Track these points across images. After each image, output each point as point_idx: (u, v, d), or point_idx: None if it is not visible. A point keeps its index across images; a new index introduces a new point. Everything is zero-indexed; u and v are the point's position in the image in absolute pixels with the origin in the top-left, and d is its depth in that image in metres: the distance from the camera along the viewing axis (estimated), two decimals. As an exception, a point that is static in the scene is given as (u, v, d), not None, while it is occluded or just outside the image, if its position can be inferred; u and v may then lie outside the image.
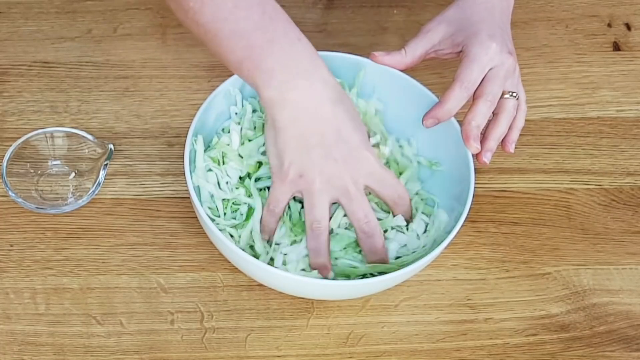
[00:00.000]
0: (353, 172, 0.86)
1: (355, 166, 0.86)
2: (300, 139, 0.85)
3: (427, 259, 0.85)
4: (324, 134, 0.85)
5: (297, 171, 0.85)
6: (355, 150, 0.86)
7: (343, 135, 0.85)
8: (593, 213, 0.99)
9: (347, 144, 0.85)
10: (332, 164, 0.85)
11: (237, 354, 0.89)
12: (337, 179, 0.85)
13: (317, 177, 0.85)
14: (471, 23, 0.92)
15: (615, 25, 1.13)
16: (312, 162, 0.84)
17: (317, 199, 0.85)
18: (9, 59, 1.05)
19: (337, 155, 0.85)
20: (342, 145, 0.85)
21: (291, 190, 0.86)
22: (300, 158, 0.85)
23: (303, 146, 0.84)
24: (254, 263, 0.83)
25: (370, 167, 0.86)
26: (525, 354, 0.90)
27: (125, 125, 1.01)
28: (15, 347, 0.88)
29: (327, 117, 0.85)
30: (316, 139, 0.84)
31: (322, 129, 0.85)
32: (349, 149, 0.85)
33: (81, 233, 0.94)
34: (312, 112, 0.84)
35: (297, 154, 0.85)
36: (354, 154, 0.86)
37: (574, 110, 1.06)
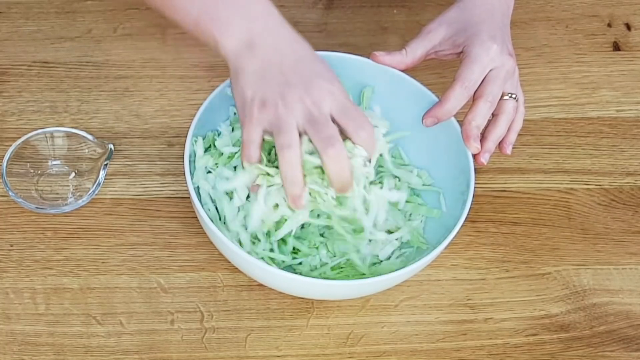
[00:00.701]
0: (316, 97, 0.84)
1: (318, 92, 0.84)
2: (259, 72, 0.84)
3: (427, 259, 0.85)
4: (282, 63, 0.84)
5: (260, 102, 0.84)
6: (317, 77, 0.84)
7: (303, 64, 0.85)
8: (593, 213, 0.99)
9: (307, 70, 0.84)
10: (293, 90, 0.83)
11: (237, 354, 0.89)
12: (298, 104, 0.83)
13: (279, 102, 0.83)
14: (472, 24, 0.92)
15: (615, 25, 1.13)
16: (272, 90, 0.83)
17: (283, 124, 0.83)
18: (9, 59, 1.05)
19: (296, 81, 0.84)
20: (302, 71, 0.84)
21: (259, 125, 0.84)
22: (262, 89, 0.84)
23: (262, 77, 0.84)
24: (254, 263, 0.83)
25: (333, 97, 0.84)
26: (525, 354, 0.90)
27: (125, 125, 1.01)
28: (15, 347, 0.88)
29: (284, 50, 0.85)
30: (275, 69, 0.84)
31: (280, 60, 0.84)
32: (309, 75, 0.84)
33: (81, 233, 0.94)
34: (268, 47, 0.85)
35: (257, 87, 0.84)
36: (316, 82, 0.84)
37: (574, 110, 1.06)
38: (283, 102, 0.83)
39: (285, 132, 0.83)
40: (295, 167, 0.83)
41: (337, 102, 0.84)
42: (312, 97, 0.83)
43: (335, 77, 0.86)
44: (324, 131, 0.83)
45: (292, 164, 0.83)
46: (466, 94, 0.90)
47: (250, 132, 0.84)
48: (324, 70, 0.86)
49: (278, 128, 0.83)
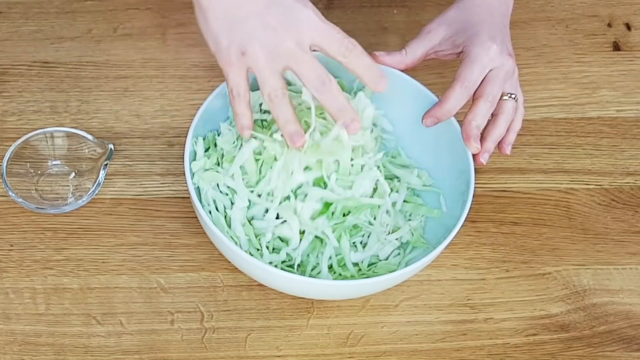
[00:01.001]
0: (295, 34, 0.82)
1: (296, 27, 0.82)
2: (230, 13, 0.81)
3: (427, 259, 0.85)
4: (253, 1, 0.81)
5: (238, 49, 0.82)
6: (290, 10, 0.82)
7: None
8: (593, 213, 0.99)
9: (280, 6, 0.82)
10: (271, 33, 0.81)
11: (237, 354, 0.89)
12: (281, 47, 0.82)
13: (259, 51, 0.81)
14: (472, 24, 0.92)
15: (615, 25, 1.13)
16: (250, 35, 0.81)
17: (267, 72, 0.82)
18: (9, 59, 1.05)
19: (273, 22, 0.81)
20: (275, 9, 0.81)
21: (242, 68, 0.83)
22: (238, 35, 0.81)
23: (235, 21, 0.81)
24: (254, 263, 0.83)
25: (311, 24, 0.82)
26: (525, 354, 0.90)
27: (125, 125, 1.01)
28: (15, 347, 0.88)
29: None
30: (246, 9, 0.81)
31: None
32: (284, 11, 0.82)
33: (81, 233, 0.94)
34: None
35: (232, 32, 0.81)
36: (291, 15, 0.82)
37: (574, 110, 1.06)
38: (263, 51, 0.81)
39: (270, 79, 0.82)
40: (287, 109, 0.83)
41: (315, 27, 0.82)
42: (292, 35, 0.81)
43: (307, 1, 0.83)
44: (311, 71, 0.82)
45: (283, 107, 0.83)
46: (466, 94, 0.90)
47: (234, 76, 0.83)
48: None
49: (262, 77, 0.82)
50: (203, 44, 1.06)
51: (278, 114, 0.83)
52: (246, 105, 0.85)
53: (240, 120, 0.86)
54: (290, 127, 0.84)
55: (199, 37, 1.07)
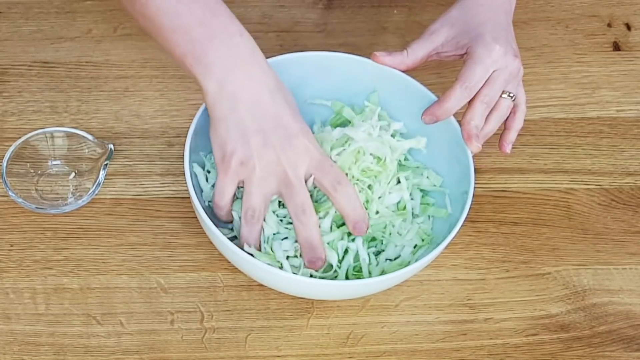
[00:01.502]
0: (292, 159, 0.85)
1: (294, 153, 0.86)
2: (239, 126, 0.85)
3: (427, 259, 0.85)
4: (262, 121, 0.85)
5: (239, 159, 0.85)
6: (294, 137, 0.86)
7: (282, 122, 0.86)
8: (593, 213, 0.99)
9: (286, 130, 0.86)
10: (271, 151, 0.85)
11: (237, 354, 0.89)
12: (276, 166, 0.85)
13: (257, 165, 0.85)
14: (475, 25, 0.92)
15: (615, 25, 1.13)
16: (252, 149, 0.85)
17: (255, 188, 0.86)
18: (9, 59, 1.05)
19: (275, 142, 0.85)
20: (280, 132, 0.85)
21: (234, 180, 0.86)
22: (242, 146, 0.85)
23: (243, 134, 0.85)
24: (254, 263, 0.83)
25: (308, 154, 0.86)
26: (525, 354, 0.90)
27: (125, 125, 1.01)
28: (15, 347, 0.88)
29: (265, 104, 0.86)
30: (255, 126, 0.85)
31: (261, 115, 0.85)
32: (288, 135, 0.86)
33: (81, 233, 0.94)
34: (249, 100, 0.85)
35: (238, 143, 0.85)
36: (293, 142, 0.86)
37: (574, 110, 1.06)
38: (260, 166, 0.85)
39: (254, 195, 0.86)
40: (255, 231, 0.87)
41: (312, 158, 0.86)
42: (289, 159, 0.85)
43: (308, 130, 0.87)
44: (297, 197, 0.86)
45: (252, 228, 0.87)
46: (466, 95, 0.90)
47: (225, 183, 0.87)
48: (300, 125, 0.87)
49: (249, 190, 0.86)
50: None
51: (246, 232, 0.87)
52: (225, 214, 0.89)
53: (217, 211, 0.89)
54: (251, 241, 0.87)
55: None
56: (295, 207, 0.86)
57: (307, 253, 0.86)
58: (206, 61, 0.85)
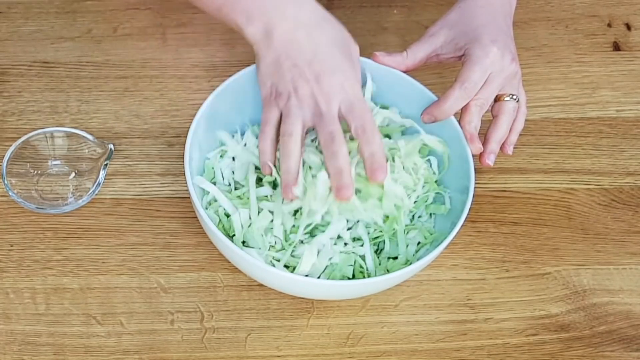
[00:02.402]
0: (325, 93, 0.87)
1: (328, 88, 0.87)
2: (276, 63, 0.88)
3: (427, 259, 0.85)
4: (297, 57, 0.88)
5: (275, 92, 0.88)
6: (330, 73, 0.87)
7: (318, 58, 0.88)
8: (593, 213, 0.99)
9: (321, 65, 0.87)
10: (305, 84, 0.87)
11: (237, 354, 0.89)
12: (310, 98, 0.87)
13: (292, 95, 0.87)
14: (473, 27, 0.92)
15: (615, 25, 1.13)
16: (286, 82, 0.87)
17: (291, 114, 0.87)
18: (9, 59, 1.05)
19: (309, 76, 0.87)
20: (316, 67, 0.87)
21: (274, 110, 0.89)
22: (278, 80, 0.88)
23: (279, 69, 0.88)
24: (254, 263, 0.83)
25: (343, 93, 0.87)
26: (525, 354, 0.90)
27: (125, 125, 1.01)
28: (15, 347, 0.88)
29: (300, 41, 0.88)
30: (290, 62, 0.88)
31: (296, 52, 0.88)
32: (324, 71, 0.87)
33: (81, 233, 0.94)
34: (285, 37, 0.88)
35: (275, 77, 0.88)
36: (328, 78, 0.87)
37: (574, 110, 1.06)
38: (295, 95, 0.87)
39: (291, 121, 0.87)
40: (292, 156, 0.86)
41: (345, 97, 0.87)
42: (322, 92, 0.87)
43: (350, 68, 0.89)
44: (328, 127, 0.86)
45: (289, 152, 0.86)
46: (465, 96, 0.90)
47: (267, 113, 0.89)
48: (340, 61, 0.88)
49: (286, 116, 0.87)
50: (203, 44, 1.06)
51: (283, 158, 0.87)
52: (270, 142, 0.89)
53: (262, 157, 0.89)
54: (287, 177, 0.87)
55: (199, 37, 1.08)
56: (326, 137, 0.86)
57: (336, 180, 0.85)
58: (242, 5, 0.88)
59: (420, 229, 0.92)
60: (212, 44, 1.07)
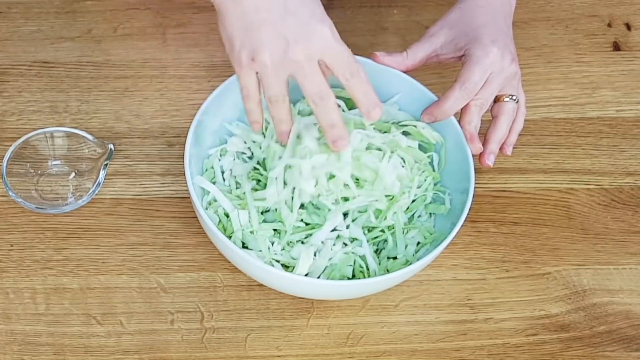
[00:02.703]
0: (305, 47, 0.83)
1: (307, 41, 0.83)
2: (245, 18, 0.82)
3: (427, 259, 0.85)
4: (269, 10, 0.82)
5: (249, 54, 0.83)
6: (305, 24, 0.83)
7: (290, 9, 0.83)
8: (593, 213, 0.99)
9: (295, 17, 0.83)
10: (282, 43, 0.82)
11: (237, 354, 0.89)
12: (288, 57, 0.83)
13: (268, 59, 0.82)
14: (473, 27, 0.92)
15: (615, 25, 1.13)
16: (262, 42, 0.82)
17: (272, 80, 0.83)
18: (9, 59, 1.05)
19: (286, 32, 0.82)
20: (290, 20, 0.82)
21: (250, 74, 0.84)
22: (249, 39, 0.82)
23: (249, 26, 0.82)
24: (254, 263, 0.83)
25: (323, 41, 0.83)
26: (525, 354, 0.90)
27: (125, 125, 1.01)
28: (15, 347, 0.88)
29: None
30: (261, 16, 0.82)
31: (265, 5, 0.82)
32: (299, 23, 0.83)
33: (81, 233, 0.94)
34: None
35: (245, 36, 0.83)
36: (305, 29, 0.83)
37: (574, 110, 1.06)
38: (272, 59, 0.82)
39: (274, 86, 0.83)
40: (284, 110, 0.85)
41: (325, 45, 0.83)
42: (302, 48, 0.82)
43: (323, 13, 0.84)
44: (313, 85, 0.83)
45: (280, 109, 0.85)
46: (465, 96, 0.90)
47: (244, 78, 0.85)
48: (314, 8, 0.84)
49: (267, 83, 0.84)
50: (203, 44, 1.06)
51: (276, 113, 0.85)
52: (256, 104, 0.86)
53: (250, 116, 0.87)
54: (284, 127, 0.86)
55: (199, 37, 1.08)
56: (313, 95, 0.83)
57: (330, 134, 0.84)
58: None
59: (420, 229, 0.92)
60: (212, 44, 1.07)
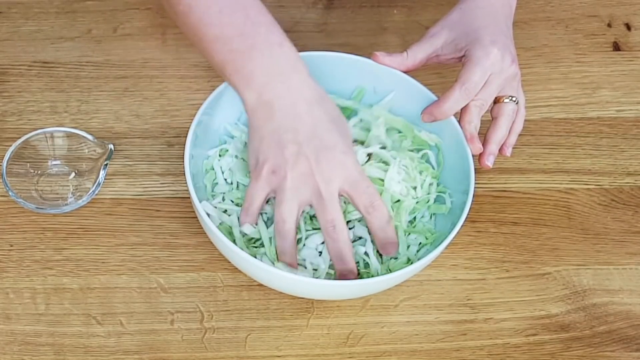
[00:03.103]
0: (326, 172, 0.85)
1: (328, 167, 0.85)
2: (274, 135, 0.85)
3: (427, 259, 0.85)
4: (297, 131, 0.85)
5: (271, 167, 0.85)
6: (330, 150, 0.85)
7: (318, 134, 0.85)
8: (593, 213, 0.99)
9: (322, 142, 0.85)
10: (304, 162, 0.84)
11: (237, 354, 0.89)
12: (308, 177, 0.84)
13: (289, 174, 0.84)
14: (474, 28, 0.92)
15: (615, 25, 1.13)
16: (285, 159, 0.84)
17: (286, 197, 0.85)
18: (9, 59, 1.05)
19: (309, 153, 0.84)
20: (316, 143, 0.85)
21: (265, 187, 0.86)
22: (274, 154, 0.85)
23: (277, 142, 0.85)
24: (254, 263, 0.83)
25: (345, 171, 0.85)
26: (525, 354, 0.90)
27: (125, 125, 1.01)
28: (15, 347, 0.88)
29: (302, 115, 0.85)
30: (290, 136, 0.84)
31: (297, 126, 0.85)
32: (324, 147, 0.85)
33: (81, 233, 0.94)
34: (287, 110, 0.85)
35: (271, 151, 0.85)
36: (329, 155, 0.85)
37: (574, 110, 1.06)
38: (292, 175, 0.84)
39: (285, 205, 0.85)
40: (288, 242, 0.86)
41: (347, 175, 0.85)
42: (322, 172, 0.84)
43: (348, 145, 0.87)
44: (328, 213, 0.85)
45: (285, 240, 0.86)
46: (466, 97, 0.91)
47: (256, 189, 0.86)
48: (339, 139, 0.86)
49: (280, 199, 0.85)
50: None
51: (280, 243, 0.87)
52: (252, 219, 0.88)
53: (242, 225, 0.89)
54: (284, 258, 0.87)
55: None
56: (326, 223, 0.85)
57: (338, 265, 0.87)
58: (245, 72, 0.85)
59: (421, 229, 0.92)
60: (212, 44, 1.07)
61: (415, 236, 0.91)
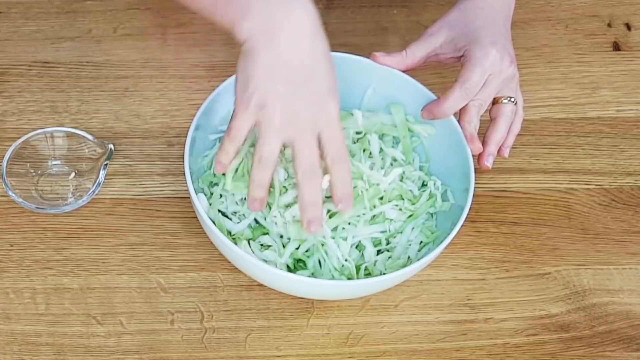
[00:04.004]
0: (314, 117, 0.82)
1: (317, 112, 0.82)
2: (272, 67, 0.81)
3: (427, 259, 0.85)
4: (297, 69, 0.81)
5: (261, 100, 0.81)
6: (322, 96, 0.82)
7: (315, 76, 0.82)
8: (593, 213, 0.99)
9: (317, 86, 0.82)
10: (296, 103, 0.81)
11: (237, 354, 0.89)
12: (297, 120, 0.82)
13: (278, 113, 0.81)
14: (473, 28, 0.92)
15: (615, 25, 1.13)
16: (278, 94, 0.81)
17: (271, 134, 0.82)
18: (9, 59, 1.05)
19: (303, 95, 0.81)
20: (311, 86, 0.81)
21: (251, 119, 0.82)
22: (267, 87, 0.81)
23: (273, 75, 0.81)
24: (254, 263, 0.83)
25: (329, 118, 0.83)
26: (525, 354, 0.90)
27: (125, 125, 1.01)
28: (15, 347, 0.88)
29: (304, 51, 0.81)
30: (288, 72, 0.81)
31: (297, 62, 0.81)
32: (317, 92, 0.82)
33: (81, 233, 0.94)
34: (289, 41, 0.81)
35: (265, 82, 0.81)
36: (320, 100, 0.82)
37: (574, 110, 1.06)
38: (281, 115, 0.81)
39: (269, 145, 0.82)
40: (266, 176, 0.83)
41: (330, 122, 0.83)
42: (311, 117, 0.82)
43: (336, 90, 0.84)
44: (308, 158, 0.82)
45: (264, 173, 0.83)
46: (465, 97, 0.91)
47: (240, 118, 0.83)
48: (332, 83, 0.83)
49: (264, 137, 0.82)
50: (203, 44, 1.06)
51: (258, 176, 0.84)
52: (235, 148, 0.85)
53: (220, 156, 0.85)
54: (258, 192, 0.84)
55: (199, 37, 1.08)
56: (304, 168, 0.82)
57: (307, 213, 0.83)
58: (242, 1, 0.81)
59: (421, 229, 0.92)
60: (212, 44, 1.07)
61: (415, 235, 0.91)
